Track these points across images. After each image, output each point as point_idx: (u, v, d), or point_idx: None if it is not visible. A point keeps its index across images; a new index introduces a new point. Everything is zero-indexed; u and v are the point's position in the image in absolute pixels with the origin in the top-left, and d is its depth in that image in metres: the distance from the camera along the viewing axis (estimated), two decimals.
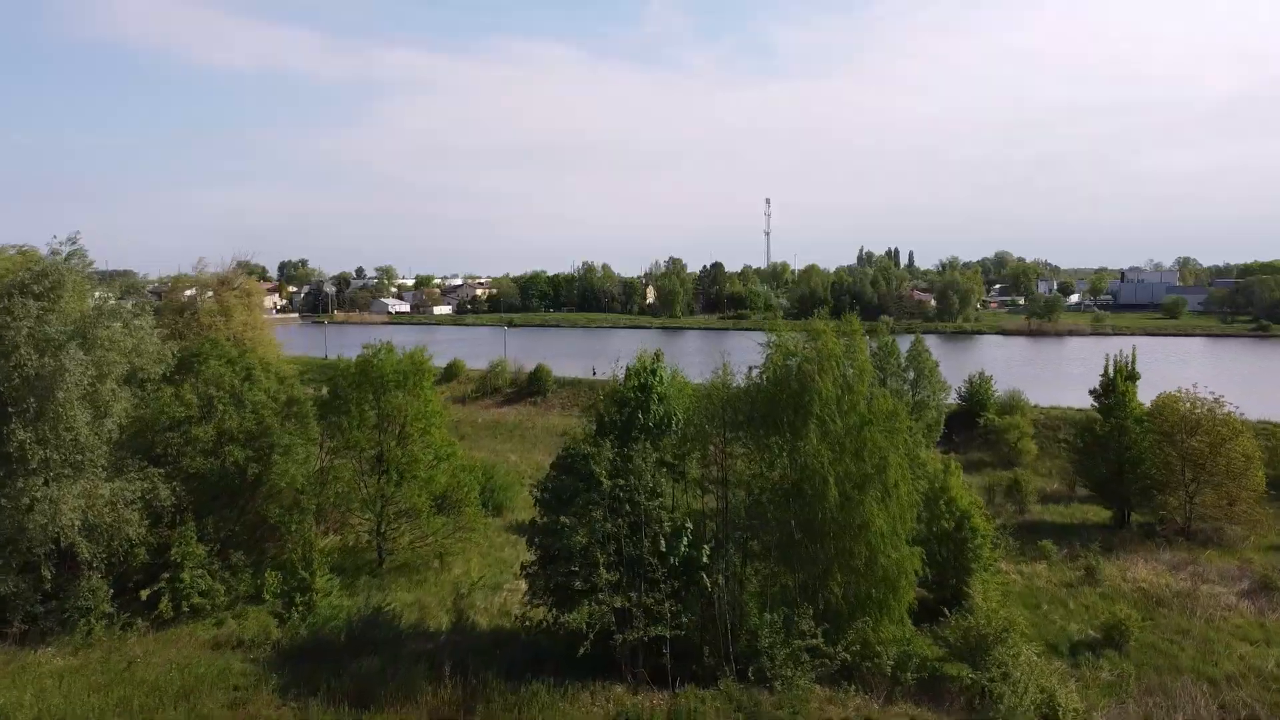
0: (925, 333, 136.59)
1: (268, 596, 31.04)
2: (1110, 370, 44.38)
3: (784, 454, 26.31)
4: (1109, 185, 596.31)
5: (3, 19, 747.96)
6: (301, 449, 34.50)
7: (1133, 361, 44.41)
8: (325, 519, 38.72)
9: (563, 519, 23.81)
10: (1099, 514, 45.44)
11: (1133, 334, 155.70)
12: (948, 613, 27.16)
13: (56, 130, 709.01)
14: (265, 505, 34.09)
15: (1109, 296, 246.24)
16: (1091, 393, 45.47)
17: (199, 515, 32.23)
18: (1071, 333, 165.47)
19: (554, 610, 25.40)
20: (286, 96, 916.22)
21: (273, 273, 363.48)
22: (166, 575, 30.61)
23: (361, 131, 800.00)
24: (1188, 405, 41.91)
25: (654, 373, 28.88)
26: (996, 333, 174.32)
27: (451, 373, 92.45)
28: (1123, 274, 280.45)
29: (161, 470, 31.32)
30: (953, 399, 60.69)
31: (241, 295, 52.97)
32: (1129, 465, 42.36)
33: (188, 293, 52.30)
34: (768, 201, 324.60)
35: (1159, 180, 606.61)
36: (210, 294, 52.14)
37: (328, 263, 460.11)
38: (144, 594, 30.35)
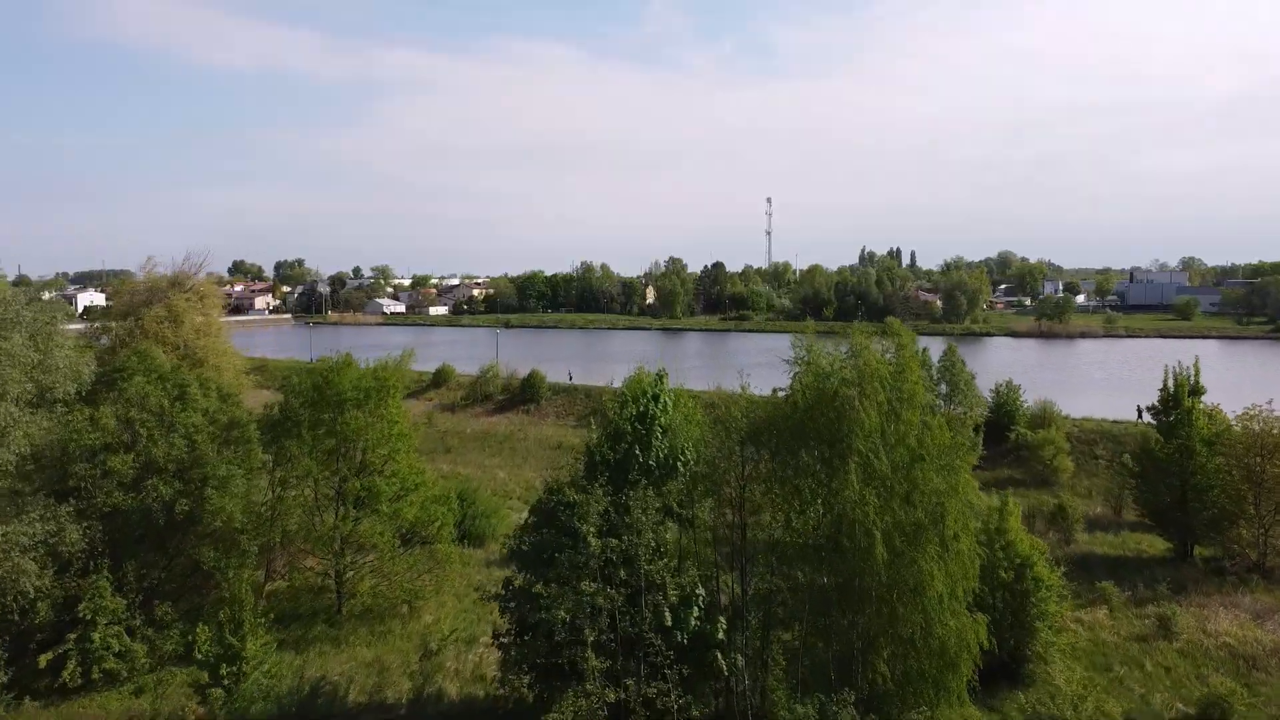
0: (933, 334, 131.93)
1: (198, 656, 26.11)
2: (1170, 384, 39.34)
3: (817, 499, 21.33)
4: (1109, 185, 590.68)
5: (3, 19, 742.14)
6: (241, 480, 29.43)
7: (1196, 374, 39.39)
8: (276, 558, 33.69)
9: (539, 588, 18.81)
10: (1155, 544, 40.43)
11: (1146, 336, 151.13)
12: (1022, 697, 22.08)
13: (56, 130, 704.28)
14: (198, 547, 29.11)
15: (1115, 297, 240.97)
16: (1150, 409, 40.39)
17: (117, 561, 27.39)
18: (1084, 335, 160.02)
19: (532, 689, 20.56)
20: (286, 96, 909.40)
21: (269, 272, 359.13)
22: (74, 635, 25.77)
23: (361, 131, 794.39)
24: (1260, 424, 36.89)
25: (656, 399, 23.81)
26: (1006, 334, 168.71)
27: (440, 378, 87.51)
28: (1131, 274, 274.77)
29: (71, 508, 26.39)
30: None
31: (194, 298, 47.97)
32: (1194, 492, 37.33)
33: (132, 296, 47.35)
34: (769, 201, 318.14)
35: (1159, 180, 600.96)
36: (165, 295, 47.07)
37: (327, 263, 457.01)
38: (44, 659, 25.43)
